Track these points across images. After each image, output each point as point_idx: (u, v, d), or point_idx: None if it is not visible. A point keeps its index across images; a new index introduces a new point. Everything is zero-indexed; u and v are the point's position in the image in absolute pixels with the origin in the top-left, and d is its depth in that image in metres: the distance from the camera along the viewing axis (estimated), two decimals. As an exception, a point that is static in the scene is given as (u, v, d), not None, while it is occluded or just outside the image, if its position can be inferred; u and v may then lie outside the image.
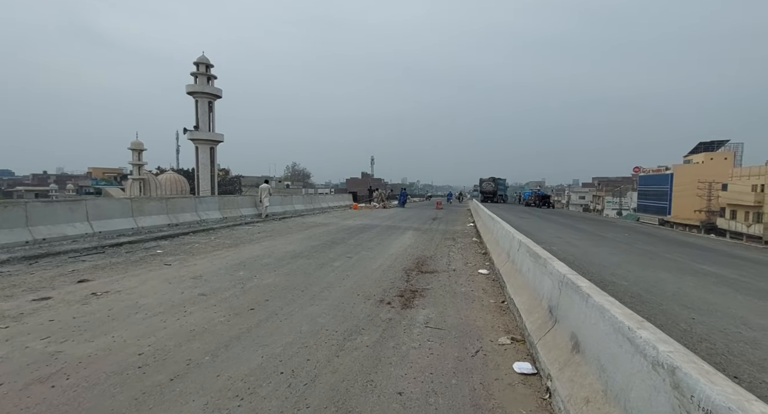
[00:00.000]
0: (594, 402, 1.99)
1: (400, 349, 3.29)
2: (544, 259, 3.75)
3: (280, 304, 4.43)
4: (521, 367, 3.00)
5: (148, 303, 4.28)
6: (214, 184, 33.89)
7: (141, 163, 37.00)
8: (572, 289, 2.75)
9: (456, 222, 16.61)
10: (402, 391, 2.62)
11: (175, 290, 4.82)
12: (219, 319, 3.84)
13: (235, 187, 59.15)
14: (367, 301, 4.65)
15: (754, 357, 3.41)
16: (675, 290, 5.74)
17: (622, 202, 63.21)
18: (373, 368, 2.93)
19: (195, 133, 32.74)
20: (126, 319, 3.75)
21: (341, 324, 3.85)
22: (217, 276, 5.64)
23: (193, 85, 32.97)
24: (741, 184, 34.62)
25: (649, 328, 1.80)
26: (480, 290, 5.39)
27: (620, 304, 2.19)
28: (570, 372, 2.38)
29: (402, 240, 10.19)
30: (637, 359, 1.72)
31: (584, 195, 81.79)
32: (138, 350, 3.06)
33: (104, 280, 5.21)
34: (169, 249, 7.85)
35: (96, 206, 9.04)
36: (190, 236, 9.78)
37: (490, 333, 3.77)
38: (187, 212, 11.87)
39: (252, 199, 16.32)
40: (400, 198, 29.37)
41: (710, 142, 47.99)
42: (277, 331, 3.60)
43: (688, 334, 3.88)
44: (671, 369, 1.48)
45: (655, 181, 52.14)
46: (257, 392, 2.52)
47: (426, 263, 7.15)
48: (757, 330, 4.13)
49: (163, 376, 2.68)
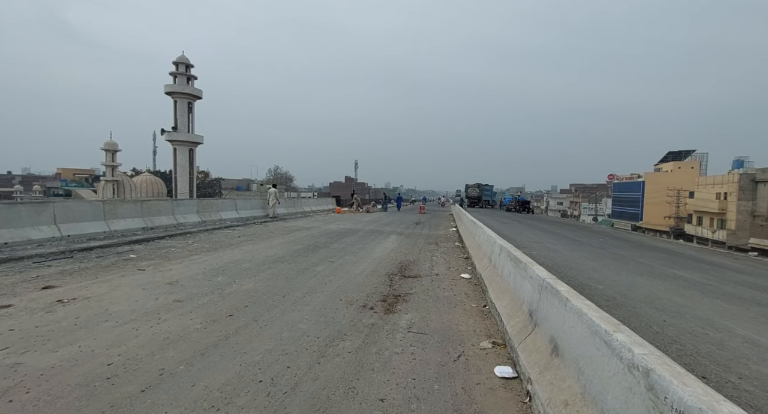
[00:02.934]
0: (573, 405, 2.02)
1: (383, 355, 3.26)
2: (524, 264, 3.81)
3: (260, 309, 4.32)
4: (502, 371, 3.02)
5: (119, 310, 4.09)
6: (192, 187, 32.99)
7: (115, 164, 35.66)
8: (551, 293, 2.80)
9: (439, 226, 16.74)
10: (384, 397, 2.59)
11: (149, 296, 4.63)
12: (195, 327, 3.70)
13: (215, 189, 57.73)
14: (350, 307, 4.60)
15: (720, 357, 3.56)
16: (647, 293, 5.96)
17: (598, 208, 65.44)
18: (355, 375, 2.89)
19: (173, 134, 31.85)
20: (95, 328, 3.56)
21: (323, 330, 3.79)
22: (194, 281, 5.46)
23: (172, 85, 32.15)
24: (706, 192, 36.49)
25: (625, 331, 1.85)
26: (462, 294, 5.43)
27: (597, 308, 2.25)
28: (550, 375, 2.41)
29: (385, 244, 10.17)
30: (614, 362, 1.77)
31: (562, 201, 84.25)
32: (107, 360, 2.91)
33: (72, 287, 4.95)
34: (143, 253, 7.55)
35: (65, 208, 8.61)
36: (166, 240, 9.45)
37: (472, 337, 3.79)
38: (163, 215, 11.48)
39: (232, 202, 16.03)
40: (397, 202, 34.29)
41: (678, 152, 50.47)
42: (257, 338, 3.51)
43: (660, 336, 4.02)
44: (646, 371, 1.52)
45: (628, 189, 54.30)
46: (234, 402, 2.43)
47: (409, 268, 7.16)
48: (723, 331, 4.32)
49: (133, 387, 2.55)
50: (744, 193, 31.29)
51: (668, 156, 51.52)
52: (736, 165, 38.57)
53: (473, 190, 47.90)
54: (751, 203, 30.98)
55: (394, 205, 35.25)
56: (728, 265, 9.88)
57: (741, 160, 39.46)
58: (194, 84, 33.21)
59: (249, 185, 71.53)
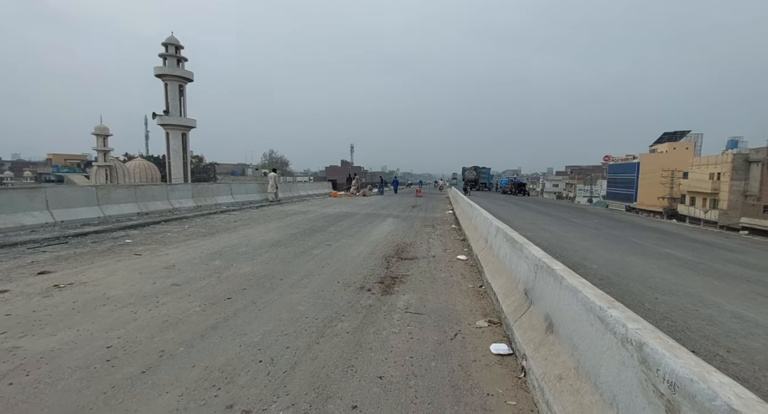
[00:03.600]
0: (566, 378, 2.07)
1: (381, 335, 3.31)
2: (520, 244, 3.84)
3: (258, 292, 4.35)
4: (498, 348, 3.09)
5: (116, 294, 4.10)
6: (186, 172, 32.58)
7: (106, 149, 35.05)
8: (547, 272, 2.83)
9: (435, 209, 16.78)
10: (382, 375, 2.64)
11: (147, 281, 4.63)
12: (194, 310, 3.72)
13: (209, 174, 57.15)
14: (348, 289, 4.64)
15: (710, 332, 3.66)
16: (640, 272, 6.05)
17: (593, 189, 65.80)
18: (354, 354, 2.93)
19: (165, 118, 31.16)
20: (92, 312, 3.57)
21: (321, 311, 3.83)
22: (191, 266, 5.46)
23: (162, 68, 31.20)
24: (700, 173, 36.73)
25: (619, 308, 1.87)
26: (459, 275, 5.49)
27: (592, 286, 2.27)
28: (544, 351, 2.47)
29: (382, 227, 10.20)
30: (608, 337, 1.80)
31: (558, 183, 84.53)
32: (106, 343, 2.93)
33: (68, 272, 4.94)
34: (139, 238, 7.52)
35: (57, 194, 8.49)
36: (161, 225, 9.40)
37: (468, 316, 3.85)
38: (158, 200, 11.38)
39: (228, 187, 15.92)
40: (394, 186, 35.67)
41: (673, 132, 50.45)
42: (256, 319, 3.54)
43: (652, 313, 4.11)
44: (639, 345, 1.54)
45: (623, 170, 54.49)
46: (235, 381, 2.47)
47: (406, 250, 7.20)
48: (712, 307, 4.42)
49: (134, 368, 2.58)
50: (737, 173, 31.54)
51: (664, 137, 51.53)
52: (731, 145, 38.72)
53: (470, 173, 47.82)
54: (744, 183, 31.28)
55: (390, 189, 35.37)
56: (719, 244, 10.04)
57: (735, 141, 39.61)
58: (185, 66, 32.27)
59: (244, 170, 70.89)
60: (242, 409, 2.19)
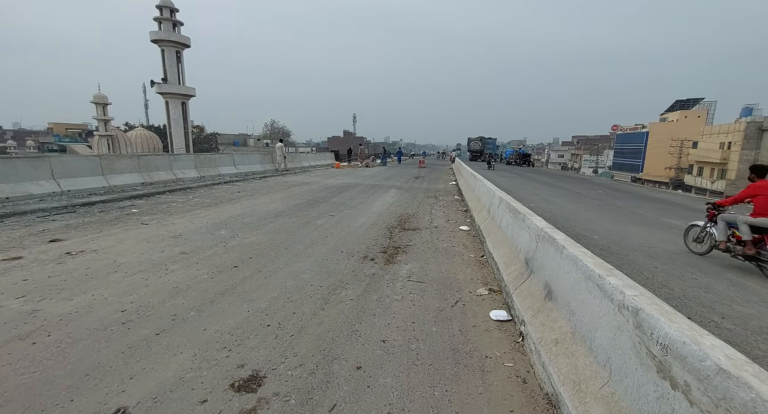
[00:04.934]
0: (562, 342, 2.16)
1: (384, 302, 3.42)
2: (522, 215, 3.85)
3: (264, 261, 4.45)
4: (497, 314, 3.19)
5: (127, 262, 4.21)
6: (188, 142, 32.27)
7: (107, 118, 34.58)
8: (548, 242, 2.85)
9: (438, 180, 16.70)
10: (385, 338, 2.76)
11: (155, 249, 4.75)
12: (202, 277, 3.84)
13: (211, 145, 56.67)
14: (351, 258, 4.73)
15: (707, 300, 3.74)
16: (641, 242, 6.10)
17: (599, 160, 64.79)
18: (358, 319, 3.05)
19: (164, 86, 30.40)
20: (105, 278, 3.69)
21: (326, 279, 3.93)
22: (197, 235, 5.56)
23: (158, 32, 29.98)
24: (710, 142, 35.84)
25: (618, 276, 1.91)
26: (461, 246, 5.56)
27: (592, 255, 2.30)
28: (542, 317, 2.55)
29: (385, 198, 10.22)
30: (605, 303, 1.84)
31: (563, 153, 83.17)
32: (121, 307, 3.06)
33: (78, 240, 5.06)
34: (145, 208, 7.61)
35: (62, 163, 8.51)
36: (166, 195, 9.47)
37: (469, 285, 3.95)
38: (161, 171, 11.39)
39: (230, 158, 15.83)
40: (398, 156, 36.27)
41: (686, 100, 48.68)
42: (262, 287, 3.65)
43: (650, 281, 4.19)
44: (635, 311, 1.59)
45: (631, 140, 53.28)
46: (245, 343, 2.59)
47: (408, 221, 7.25)
48: (711, 276, 4.49)
49: (148, 330, 2.71)
50: (748, 142, 30.76)
51: (675, 105, 49.81)
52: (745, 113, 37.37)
53: (476, 144, 47.40)
54: (755, 152, 30.58)
55: (394, 160, 35.00)
56: (724, 216, 10.01)
57: (750, 108, 38.16)
58: (181, 31, 31.00)
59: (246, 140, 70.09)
60: (252, 368, 2.31)
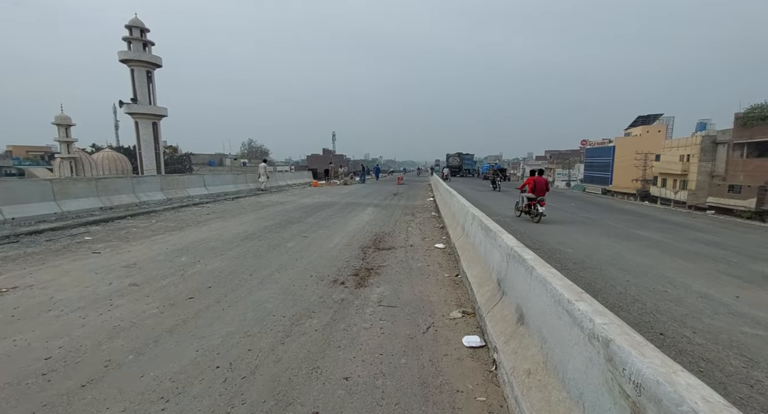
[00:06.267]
0: (535, 374, 1.99)
1: (351, 331, 3.18)
2: (494, 232, 3.74)
3: (224, 290, 4.13)
4: (470, 340, 3.01)
5: (66, 297, 3.79)
6: (159, 163, 31.24)
7: (69, 139, 33.11)
8: (518, 262, 2.73)
9: (416, 197, 16.70)
10: (349, 375, 2.51)
11: (102, 281, 4.32)
12: (151, 312, 3.48)
13: (184, 165, 55.10)
14: (320, 282, 4.47)
15: (678, 313, 3.70)
16: (613, 255, 6.14)
17: (571, 173, 67.30)
18: (320, 353, 2.79)
19: (133, 106, 29.58)
20: (35, 319, 3.28)
21: (290, 308, 3.65)
22: (154, 263, 5.15)
23: (127, 52, 29.40)
24: (671, 155, 37.97)
25: (587, 300, 1.78)
26: (435, 264, 5.40)
27: (562, 276, 2.18)
28: (514, 344, 2.38)
29: (361, 217, 10.02)
30: (575, 331, 1.70)
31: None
32: (45, 354, 2.67)
33: (13, 274, 4.56)
34: (100, 235, 7.08)
35: (6, 189, 7.87)
36: (127, 220, 8.91)
37: (443, 307, 3.77)
38: (123, 194, 10.78)
39: (200, 178, 15.31)
40: (376, 173, 36.75)
41: (647, 116, 51.77)
42: (218, 320, 3.33)
43: (623, 296, 4.14)
44: (605, 342, 1.45)
45: (599, 154, 55.79)
46: (187, 391, 2.28)
47: (384, 240, 7.07)
48: (680, 288, 4.51)
49: (72, 382, 2.35)
50: (705, 155, 32.77)
51: (638, 120, 52.85)
52: (700, 127, 40.07)
53: (454, 160, 48.70)
54: (711, 164, 32.57)
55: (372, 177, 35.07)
56: (687, 224, 10.39)
57: (704, 123, 40.97)
58: (152, 50, 30.50)
59: (222, 160, 68.73)
60: (192, 422, 2.01)
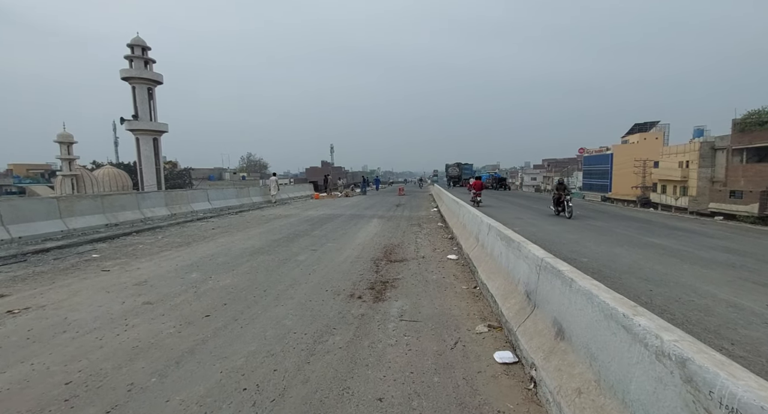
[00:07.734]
0: (587, 393, 1.89)
1: (376, 348, 3.07)
2: (517, 243, 3.67)
3: (240, 307, 4.02)
4: (502, 356, 2.90)
5: (80, 318, 3.68)
6: (160, 178, 31.27)
7: (71, 157, 33.23)
8: (552, 274, 2.65)
9: (420, 208, 16.65)
10: (382, 396, 2.40)
11: (115, 300, 4.22)
12: (168, 331, 3.37)
13: (184, 180, 55.19)
14: (337, 297, 4.37)
15: (710, 324, 3.60)
16: (630, 263, 6.05)
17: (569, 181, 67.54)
18: (349, 373, 2.68)
19: (134, 123, 29.79)
20: (50, 341, 3.16)
21: (310, 325, 3.55)
22: (165, 280, 5.05)
23: (129, 70, 29.79)
24: (670, 161, 38.18)
25: (646, 315, 1.70)
26: (451, 276, 5.30)
27: (608, 289, 2.10)
28: (556, 361, 2.28)
29: (368, 229, 9.94)
30: (637, 348, 1.62)
31: (536, 176, 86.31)
32: (65, 379, 2.56)
33: (24, 294, 4.45)
34: (107, 252, 6.97)
35: (12, 208, 7.80)
36: (133, 236, 8.81)
37: (467, 321, 3.66)
38: (128, 210, 10.71)
39: (204, 193, 15.25)
40: (376, 184, 37.27)
41: (644, 123, 52.27)
42: (238, 339, 3.22)
43: (650, 306, 4.04)
44: (681, 361, 1.36)
45: (597, 161, 56.12)
46: (216, 417, 2.17)
47: (394, 252, 6.97)
48: (707, 297, 4.40)
49: (96, 408, 2.23)
50: (704, 161, 32.95)
51: (634, 128, 53.34)
52: (697, 134, 40.37)
53: (453, 170, 48.99)
54: (710, 170, 32.71)
55: (373, 188, 35.14)
56: (698, 231, 10.31)
57: (701, 129, 41.33)
58: (153, 68, 30.90)
59: (221, 174, 68.88)
60: (225, 451, 1.90)
